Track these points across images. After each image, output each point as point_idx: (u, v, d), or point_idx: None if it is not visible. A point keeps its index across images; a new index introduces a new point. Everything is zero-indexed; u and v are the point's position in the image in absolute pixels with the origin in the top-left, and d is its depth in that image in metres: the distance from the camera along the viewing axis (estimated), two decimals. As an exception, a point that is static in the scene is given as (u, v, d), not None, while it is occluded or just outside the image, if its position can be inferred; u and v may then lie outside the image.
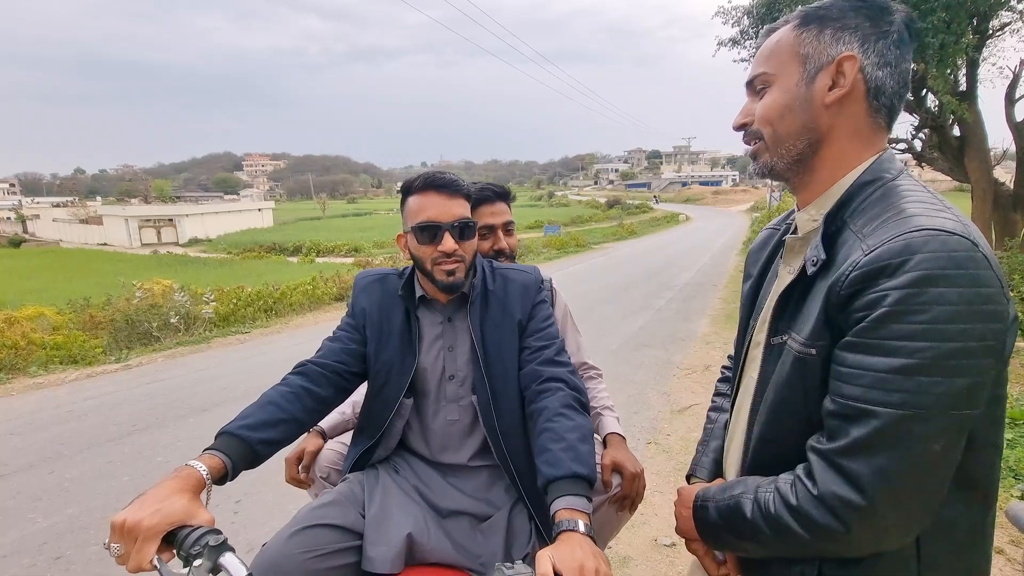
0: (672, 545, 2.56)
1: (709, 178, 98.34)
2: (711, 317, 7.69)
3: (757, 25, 9.24)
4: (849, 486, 0.66)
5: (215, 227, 40.64)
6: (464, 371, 1.26)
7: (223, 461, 0.97)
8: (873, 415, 0.65)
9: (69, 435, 4.06)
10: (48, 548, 2.64)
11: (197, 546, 0.80)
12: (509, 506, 1.20)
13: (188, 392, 5.05)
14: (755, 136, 0.84)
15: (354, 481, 1.22)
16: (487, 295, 1.28)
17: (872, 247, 0.67)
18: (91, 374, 5.80)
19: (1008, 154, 8.61)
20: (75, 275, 20.34)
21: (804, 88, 0.78)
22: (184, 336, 7.46)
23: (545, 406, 1.13)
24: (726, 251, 17.19)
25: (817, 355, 0.73)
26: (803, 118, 0.78)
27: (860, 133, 0.78)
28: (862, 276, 0.66)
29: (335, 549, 1.06)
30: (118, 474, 3.42)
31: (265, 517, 2.85)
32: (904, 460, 0.64)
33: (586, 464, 1.01)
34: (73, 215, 45.56)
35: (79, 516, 2.93)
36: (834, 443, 0.69)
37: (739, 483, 0.83)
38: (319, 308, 9.56)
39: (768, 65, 0.81)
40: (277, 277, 12.18)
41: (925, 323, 0.62)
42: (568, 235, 22.26)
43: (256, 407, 1.10)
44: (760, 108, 0.82)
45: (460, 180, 1.25)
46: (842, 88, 0.76)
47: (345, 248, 26.44)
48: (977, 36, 7.21)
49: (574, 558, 0.81)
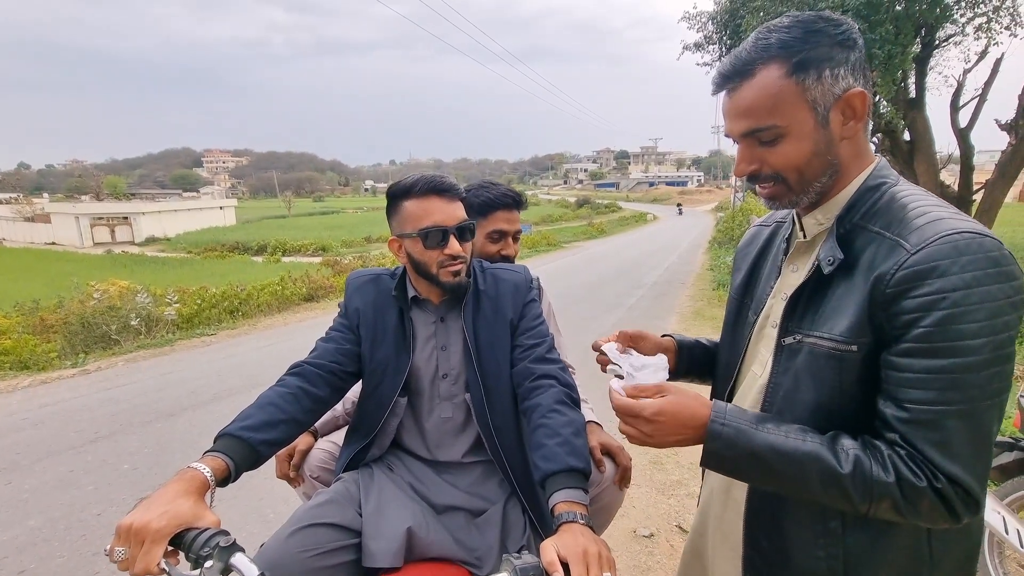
0: (650, 536, 2.64)
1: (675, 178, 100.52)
2: (680, 314, 7.89)
3: (721, 31, 9.54)
4: (953, 484, 0.70)
5: (174, 226, 39.07)
6: (457, 370, 1.28)
7: (225, 463, 0.97)
8: (955, 415, 0.69)
9: (25, 444, 3.87)
10: (9, 563, 2.52)
11: (207, 547, 0.80)
12: (503, 500, 1.23)
13: (153, 397, 4.87)
14: (772, 180, 0.86)
15: (349, 480, 1.23)
16: (479, 295, 1.31)
17: (917, 247, 0.71)
18: (46, 380, 5.52)
19: (953, 158, 9.16)
20: (21, 276, 19.26)
21: (821, 130, 0.81)
22: (145, 339, 7.17)
23: (538, 403, 1.17)
24: (693, 250, 17.64)
25: (858, 352, 0.76)
26: (828, 157, 0.83)
27: (860, 147, 0.85)
28: (911, 275, 0.70)
29: (333, 547, 1.07)
30: (82, 483, 3.28)
31: (245, 522, 2.79)
32: (985, 449, 0.71)
33: (582, 458, 1.05)
34: (17, 212, 42.96)
35: (41, 528, 2.81)
36: (923, 446, 0.71)
37: (779, 422, 0.80)
38: (288, 309, 9.34)
39: (776, 117, 0.81)
40: (242, 277, 11.83)
41: (982, 320, 0.68)
42: (539, 234, 22.40)
43: (255, 408, 1.09)
44: (780, 158, 0.84)
45: (456, 183, 1.28)
46: (859, 120, 0.81)
47: (312, 247, 25.87)
48: (923, 47, 7.64)
49: (577, 544, 0.85)
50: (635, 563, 2.45)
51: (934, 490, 0.71)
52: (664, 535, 2.65)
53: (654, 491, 3.07)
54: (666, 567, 2.42)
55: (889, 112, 7.50)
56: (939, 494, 0.71)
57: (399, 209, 1.25)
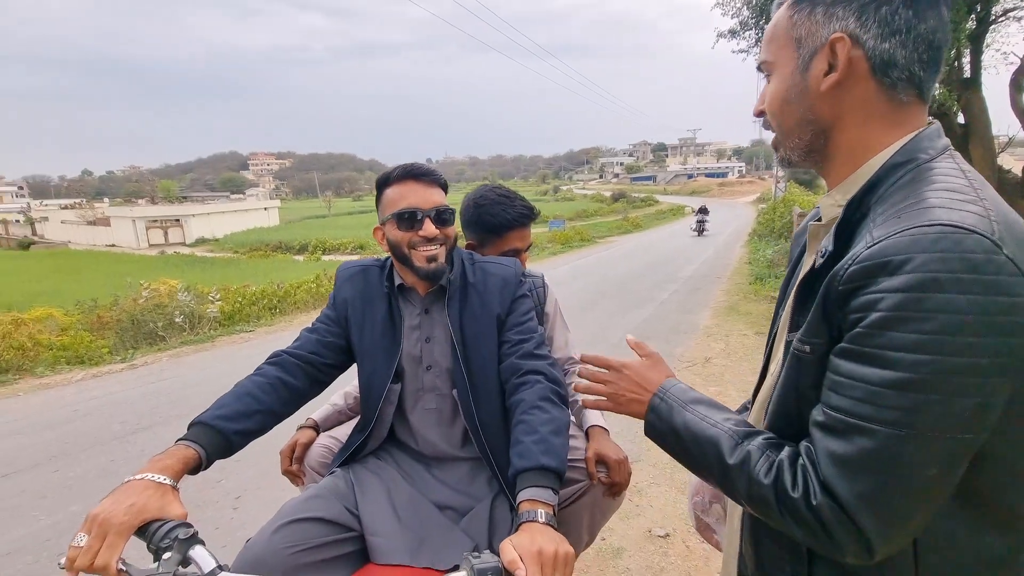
0: (666, 536, 2.57)
1: (715, 170, 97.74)
2: (713, 309, 7.66)
3: (757, 16, 9.16)
4: (833, 503, 0.61)
5: (221, 227, 40.90)
6: (442, 362, 1.27)
7: (197, 452, 0.99)
8: (861, 431, 0.59)
9: (74, 434, 4.13)
10: (51, 545, 2.69)
11: (167, 539, 0.82)
12: (491, 498, 1.22)
13: (192, 391, 5.10)
14: (769, 125, 0.80)
15: (339, 475, 1.24)
16: (466, 288, 1.29)
17: (876, 239, 0.60)
18: (97, 374, 5.88)
19: (1015, 140, 8.51)
20: (83, 276, 20.55)
21: (799, 76, 0.71)
22: (189, 335, 7.53)
23: (522, 398, 1.15)
24: (730, 244, 17.10)
25: (812, 353, 0.67)
26: (801, 109, 0.72)
27: (877, 114, 0.70)
28: (861, 271, 0.60)
29: (320, 543, 1.07)
30: (121, 472, 3.46)
31: (266, 513, 2.88)
32: (892, 483, 0.59)
33: (556, 456, 1.02)
34: (81, 217, 45.99)
35: (81, 514, 2.94)
36: (820, 456, 0.63)
37: (713, 408, 0.79)
38: (322, 305, 9.59)
39: (768, 51, 0.75)
40: (283, 276, 12.25)
41: (927, 333, 0.55)
42: (573, 230, 22.22)
43: (231, 397, 1.12)
44: (767, 98, 0.77)
45: (437, 171, 1.27)
46: (837, 73, 0.69)
47: (351, 245, 26.55)
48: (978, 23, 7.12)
49: (533, 543, 0.83)
50: (648, 563, 2.39)
51: (808, 506, 0.62)
52: (680, 536, 2.58)
53: (673, 490, 2.99)
54: (680, 568, 2.35)
55: (941, 94, 7.02)
56: (814, 512, 0.62)
57: (382, 197, 1.26)
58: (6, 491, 3.27)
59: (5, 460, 3.69)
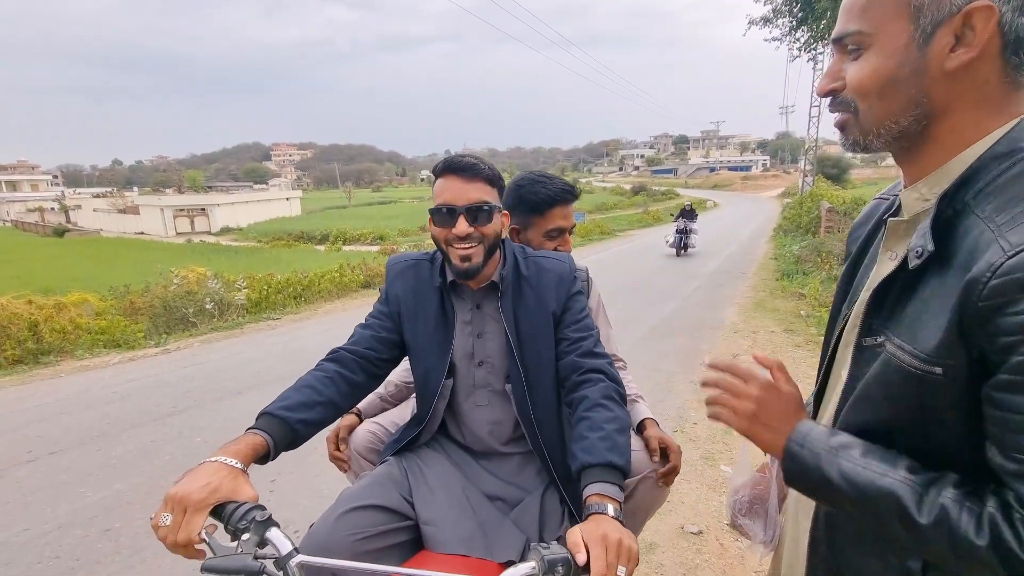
0: (699, 533, 2.56)
1: (738, 163, 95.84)
2: (739, 306, 7.55)
3: (791, 2, 8.92)
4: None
5: (245, 216, 41.59)
6: (495, 358, 1.27)
7: (265, 440, 1.01)
8: None
9: (115, 415, 4.27)
10: (99, 521, 2.79)
11: (244, 521, 0.84)
12: (541, 490, 1.23)
13: (223, 376, 5.23)
14: (845, 106, 0.69)
15: (393, 463, 1.26)
16: (520, 283, 1.27)
17: (1017, 248, 0.54)
18: (133, 357, 6.06)
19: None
20: (115, 263, 21.13)
21: (916, 51, 0.61)
22: (218, 322, 7.70)
23: (585, 395, 1.15)
24: (755, 239, 16.79)
25: (945, 375, 0.59)
26: (913, 90, 0.63)
27: (989, 98, 0.62)
28: (1008, 284, 0.53)
29: (380, 531, 1.10)
30: (161, 452, 3.58)
31: (299, 495, 2.95)
32: None
33: (622, 455, 1.03)
34: (112, 205, 47.28)
35: (125, 492, 3.09)
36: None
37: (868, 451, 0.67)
38: (346, 295, 9.73)
39: (863, 21, 0.64)
40: (305, 265, 12.43)
41: None
42: (592, 223, 22.05)
43: (293, 390, 1.14)
44: (854, 76, 0.66)
45: (481, 163, 1.21)
46: (972, 49, 0.59)
47: (371, 236, 26.77)
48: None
49: (600, 530, 0.85)
50: (682, 560, 2.39)
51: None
52: (714, 533, 2.56)
53: (705, 487, 2.97)
54: (714, 566, 2.34)
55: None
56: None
57: (433, 189, 1.26)
58: (55, 467, 3.40)
59: (52, 438, 3.84)
